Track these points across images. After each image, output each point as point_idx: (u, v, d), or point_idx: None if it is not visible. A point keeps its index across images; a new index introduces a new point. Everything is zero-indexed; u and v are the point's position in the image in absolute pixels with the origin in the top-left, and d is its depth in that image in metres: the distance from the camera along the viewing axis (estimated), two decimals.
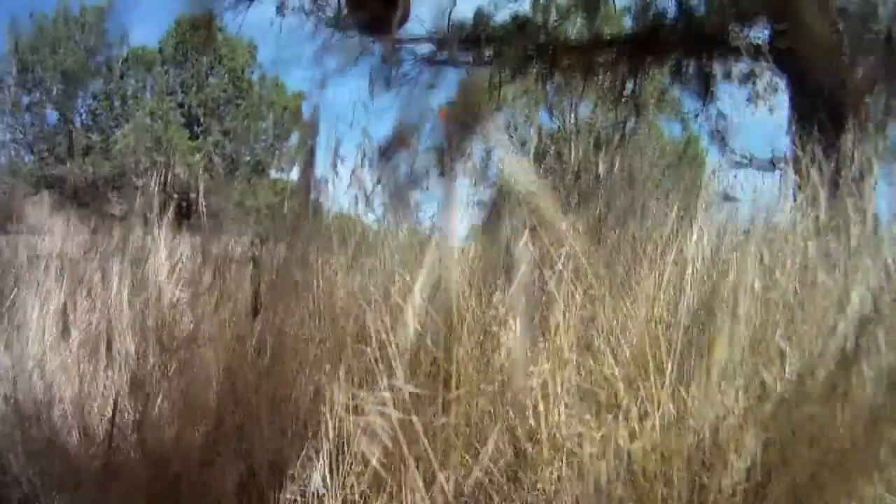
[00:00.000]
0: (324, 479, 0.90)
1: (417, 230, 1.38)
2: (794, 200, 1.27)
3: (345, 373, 0.86)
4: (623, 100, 7.04)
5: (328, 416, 0.90)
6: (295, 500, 0.93)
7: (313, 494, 0.91)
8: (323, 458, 0.89)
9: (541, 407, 0.88)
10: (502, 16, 6.67)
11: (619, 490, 0.69)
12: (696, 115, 7.09)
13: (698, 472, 0.80)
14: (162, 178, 1.23)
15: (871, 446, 0.66)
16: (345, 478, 0.91)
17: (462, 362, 0.87)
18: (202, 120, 17.77)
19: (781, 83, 6.19)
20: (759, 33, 6.03)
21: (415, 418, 0.66)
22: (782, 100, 6.01)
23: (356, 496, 0.91)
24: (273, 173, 18.69)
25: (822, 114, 5.02)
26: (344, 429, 0.94)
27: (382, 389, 0.70)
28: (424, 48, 6.37)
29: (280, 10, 6.11)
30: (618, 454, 0.69)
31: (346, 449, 0.93)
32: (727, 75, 6.94)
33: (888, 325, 0.77)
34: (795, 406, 0.73)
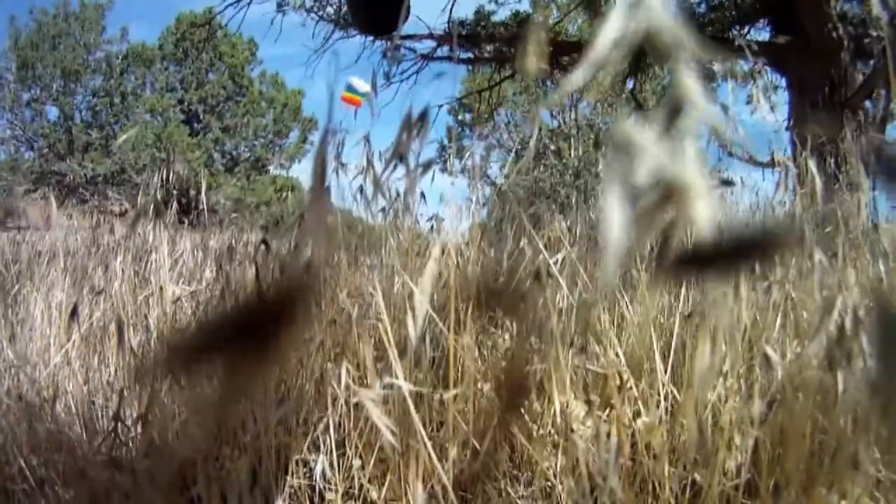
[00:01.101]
0: (324, 473, 0.91)
1: (419, 230, 1.38)
2: (794, 195, 1.28)
3: (345, 369, 0.88)
4: (623, 97, 7.06)
5: (330, 409, 0.92)
6: (300, 488, 0.94)
7: (316, 486, 0.93)
8: (323, 453, 0.91)
9: (536, 405, 0.89)
10: (503, 13, 6.69)
11: (614, 483, 0.70)
12: None
13: (690, 470, 0.81)
14: (162, 174, 1.24)
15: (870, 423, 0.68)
16: (347, 471, 0.93)
17: (461, 361, 0.88)
18: (202, 117, 17.78)
19: (782, 82, 6.20)
20: (760, 33, 6.05)
21: (414, 415, 0.68)
22: (782, 99, 6.02)
23: (356, 489, 0.93)
24: (273, 169, 18.74)
25: (821, 112, 5.04)
26: (345, 423, 0.96)
27: (381, 388, 0.72)
28: (425, 45, 6.38)
29: (280, 7, 6.12)
30: (619, 438, 0.70)
31: (346, 444, 0.95)
32: (727, 74, 6.94)
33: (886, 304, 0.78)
34: (792, 382, 0.74)
